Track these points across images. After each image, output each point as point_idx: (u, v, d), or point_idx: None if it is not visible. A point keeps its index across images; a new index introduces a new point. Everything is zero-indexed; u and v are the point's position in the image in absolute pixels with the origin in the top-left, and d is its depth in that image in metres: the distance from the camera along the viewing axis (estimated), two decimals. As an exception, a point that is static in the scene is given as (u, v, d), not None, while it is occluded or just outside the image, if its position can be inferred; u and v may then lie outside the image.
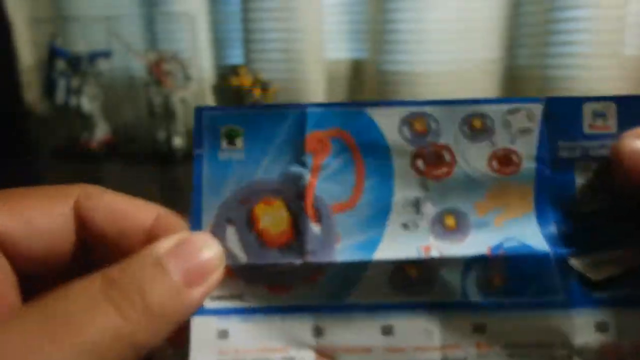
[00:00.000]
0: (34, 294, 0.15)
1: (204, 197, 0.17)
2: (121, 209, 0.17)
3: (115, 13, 0.80)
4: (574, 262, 0.16)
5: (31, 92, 0.82)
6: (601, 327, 0.16)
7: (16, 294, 0.16)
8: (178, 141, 0.74)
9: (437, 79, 0.71)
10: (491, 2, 0.69)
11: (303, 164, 0.17)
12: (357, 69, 0.79)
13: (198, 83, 0.77)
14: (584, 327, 0.16)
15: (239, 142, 0.17)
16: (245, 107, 0.18)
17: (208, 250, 0.16)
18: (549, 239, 0.16)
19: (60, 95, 0.74)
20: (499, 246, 0.17)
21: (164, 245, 0.15)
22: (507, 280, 0.16)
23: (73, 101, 0.74)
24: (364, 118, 0.17)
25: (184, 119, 0.75)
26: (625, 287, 0.16)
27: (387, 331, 0.16)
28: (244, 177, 0.17)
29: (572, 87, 0.66)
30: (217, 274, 0.16)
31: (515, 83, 0.72)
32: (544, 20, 0.66)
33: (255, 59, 0.76)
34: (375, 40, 0.74)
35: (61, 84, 0.73)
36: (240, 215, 0.17)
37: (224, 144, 0.17)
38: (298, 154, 0.17)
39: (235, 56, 0.80)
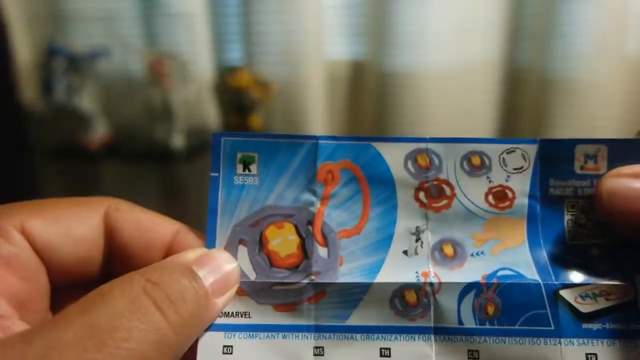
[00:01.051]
0: (58, 304, 0.17)
1: (219, 218, 0.18)
2: (147, 221, 0.18)
3: (114, 12, 0.79)
4: (564, 293, 0.17)
5: (29, 92, 0.81)
6: (590, 359, 0.16)
7: (47, 302, 0.17)
8: (177, 141, 0.74)
9: (437, 80, 0.71)
10: (492, 2, 0.69)
11: (314, 193, 0.18)
12: (357, 69, 0.78)
13: (198, 83, 0.77)
14: (573, 358, 0.16)
15: (254, 168, 0.18)
16: (262, 135, 0.19)
17: (228, 264, 0.17)
18: (541, 269, 0.17)
19: (59, 95, 0.73)
20: (493, 274, 0.18)
21: (190, 255, 0.16)
22: (500, 308, 0.17)
23: (72, 100, 0.74)
24: (372, 152, 0.18)
25: (183, 118, 0.75)
26: (615, 321, 0.17)
27: (385, 353, 0.17)
28: (257, 201, 0.18)
29: (572, 88, 0.66)
30: (235, 288, 0.17)
31: (516, 84, 0.72)
32: (544, 20, 0.66)
33: (255, 59, 0.76)
34: (375, 41, 0.74)
35: (60, 83, 0.73)
36: (252, 237, 0.18)
37: (239, 169, 0.18)
38: (309, 183, 0.18)
39: (235, 56, 0.80)
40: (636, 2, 0.63)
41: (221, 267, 0.16)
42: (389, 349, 0.17)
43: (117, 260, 0.18)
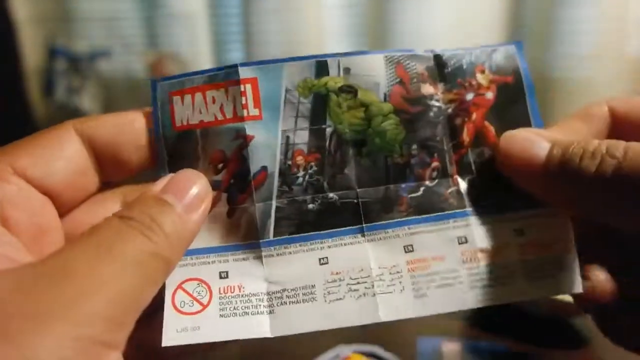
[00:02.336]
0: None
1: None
2: (114, 119, 0.20)
3: (115, 13, 0.80)
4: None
5: (32, 92, 0.82)
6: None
7: (60, 233, 0.18)
8: (178, 141, 0.74)
9: (437, 79, 0.71)
10: (492, 2, 0.69)
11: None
12: (357, 69, 0.78)
13: (198, 83, 0.77)
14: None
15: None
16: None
17: (196, 182, 0.18)
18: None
19: (60, 95, 0.74)
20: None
21: (158, 185, 0.18)
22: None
23: (73, 101, 0.74)
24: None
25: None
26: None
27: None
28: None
29: (573, 88, 0.66)
30: (208, 202, 0.18)
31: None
32: (545, 20, 0.66)
33: (255, 59, 0.76)
34: (375, 40, 0.74)
35: (61, 83, 0.73)
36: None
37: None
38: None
39: (235, 56, 0.80)
40: (636, 2, 0.63)
41: (188, 186, 0.18)
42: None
43: (109, 164, 0.19)
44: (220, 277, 0.19)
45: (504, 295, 0.19)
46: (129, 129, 0.20)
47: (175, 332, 0.17)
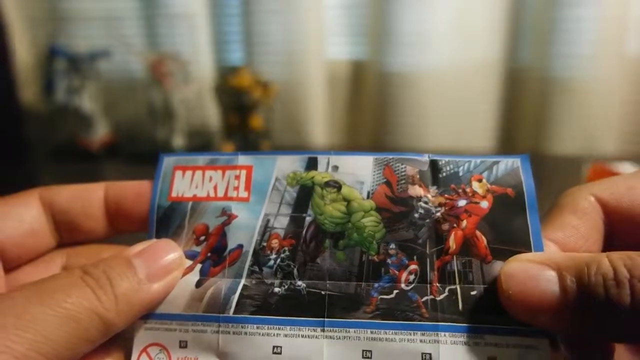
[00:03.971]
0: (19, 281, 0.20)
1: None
2: (76, 189, 0.21)
3: (115, 13, 0.80)
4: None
5: (31, 92, 0.82)
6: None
7: (1, 274, 0.20)
8: (178, 141, 0.74)
9: (437, 79, 0.71)
10: (492, 2, 0.69)
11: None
12: (357, 69, 0.78)
13: (198, 83, 0.77)
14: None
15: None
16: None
17: (170, 254, 0.19)
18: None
19: (60, 95, 0.74)
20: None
21: (135, 248, 0.19)
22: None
23: (73, 101, 0.74)
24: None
25: (184, 118, 0.75)
26: None
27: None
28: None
29: (573, 87, 0.66)
30: (177, 273, 0.19)
31: (516, 83, 0.72)
32: (545, 20, 0.66)
33: (255, 59, 0.76)
34: (375, 41, 0.74)
35: (61, 83, 0.73)
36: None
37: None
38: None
39: (235, 56, 0.80)
40: (636, 2, 0.63)
41: (160, 256, 0.19)
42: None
43: (64, 228, 0.21)
44: (180, 347, 0.19)
45: None
46: (87, 199, 0.21)
47: None
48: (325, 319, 0.18)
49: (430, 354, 0.18)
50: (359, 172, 0.20)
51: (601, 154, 0.67)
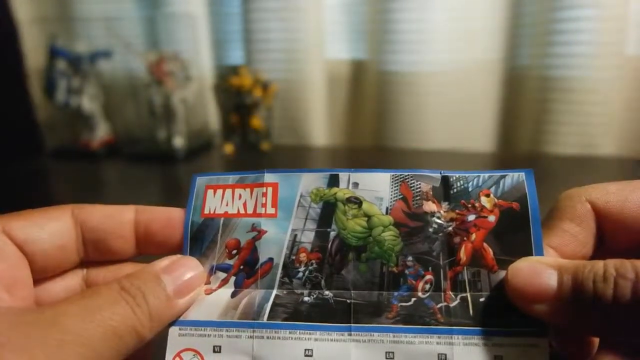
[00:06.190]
0: (47, 293, 0.22)
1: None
2: (108, 209, 0.22)
3: (116, 13, 0.80)
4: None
5: (34, 93, 0.82)
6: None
7: (31, 290, 0.21)
8: (178, 141, 0.74)
9: (437, 79, 0.71)
10: (492, 2, 0.69)
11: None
12: (357, 69, 0.79)
13: (198, 83, 0.77)
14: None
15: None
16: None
17: (192, 271, 0.21)
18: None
19: (60, 96, 0.74)
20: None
21: (161, 264, 0.20)
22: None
23: (74, 101, 0.74)
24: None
25: (184, 118, 0.75)
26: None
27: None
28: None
29: (572, 87, 0.66)
30: (199, 290, 0.21)
31: (516, 83, 0.72)
32: (545, 20, 0.66)
33: (255, 59, 0.76)
34: (375, 41, 0.74)
35: (62, 84, 0.74)
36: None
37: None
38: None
39: (235, 56, 0.80)
40: (636, 2, 0.63)
41: (185, 273, 0.20)
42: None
43: (92, 246, 0.22)
44: (214, 351, 0.20)
45: None
46: (117, 220, 0.22)
47: None
48: (352, 325, 0.20)
49: (445, 354, 0.20)
50: (377, 188, 0.22)
51: (601, 154, 0.67)
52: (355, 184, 0.22)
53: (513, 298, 0.19)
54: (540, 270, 0.18)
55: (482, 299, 0.20)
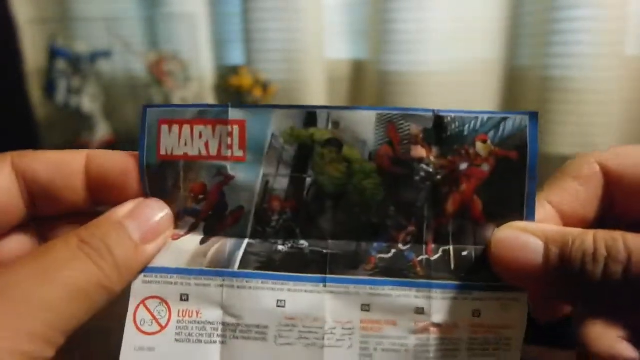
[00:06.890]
0: None
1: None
2: (54, 157, 0.19)
3: (115, 13, 0.80)
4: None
5: (33, 93, 0.82)
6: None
7: None
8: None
9: (437, 79, 0.71)
10: (491, 2, 0.69)
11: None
12: (357, 69, 0.79)
13: (198, 83, 0.77)
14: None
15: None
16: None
17: (160, 213, 0.19)
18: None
19: (60, 96, 0.74)
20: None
21: (123, 209, 0.18)
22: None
23: (73, 101, 0.74)
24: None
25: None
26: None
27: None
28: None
29: (572, 87, 0.66)
30: (168, 233, 0.19)
31: (516, 83, 0.72)
32: (544, 20, 0.66)
33: (255, 59, 0.76)
34: (375, 40, 0.74)
35: (61, 84, 0.73)
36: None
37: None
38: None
39: (235, 56, 0.80)
40: (636, 2, 0.63)
41: (151, 216, 0.19)
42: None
43: (40, 200, 0.19)
44: (181, 300, 0.19)
45: None
46: (66, 169, 0.19)
47: (132, 350, 0.18)
48: (327, 276, 0.19)
49: (422, 308, 0.19)
50: (360, 129, 0.19)
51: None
52: (336, 124, 0.20)
53: (496, 270, 0.18)
54: (525, 242, 0.17)
55: (464, 253, 0.19)
